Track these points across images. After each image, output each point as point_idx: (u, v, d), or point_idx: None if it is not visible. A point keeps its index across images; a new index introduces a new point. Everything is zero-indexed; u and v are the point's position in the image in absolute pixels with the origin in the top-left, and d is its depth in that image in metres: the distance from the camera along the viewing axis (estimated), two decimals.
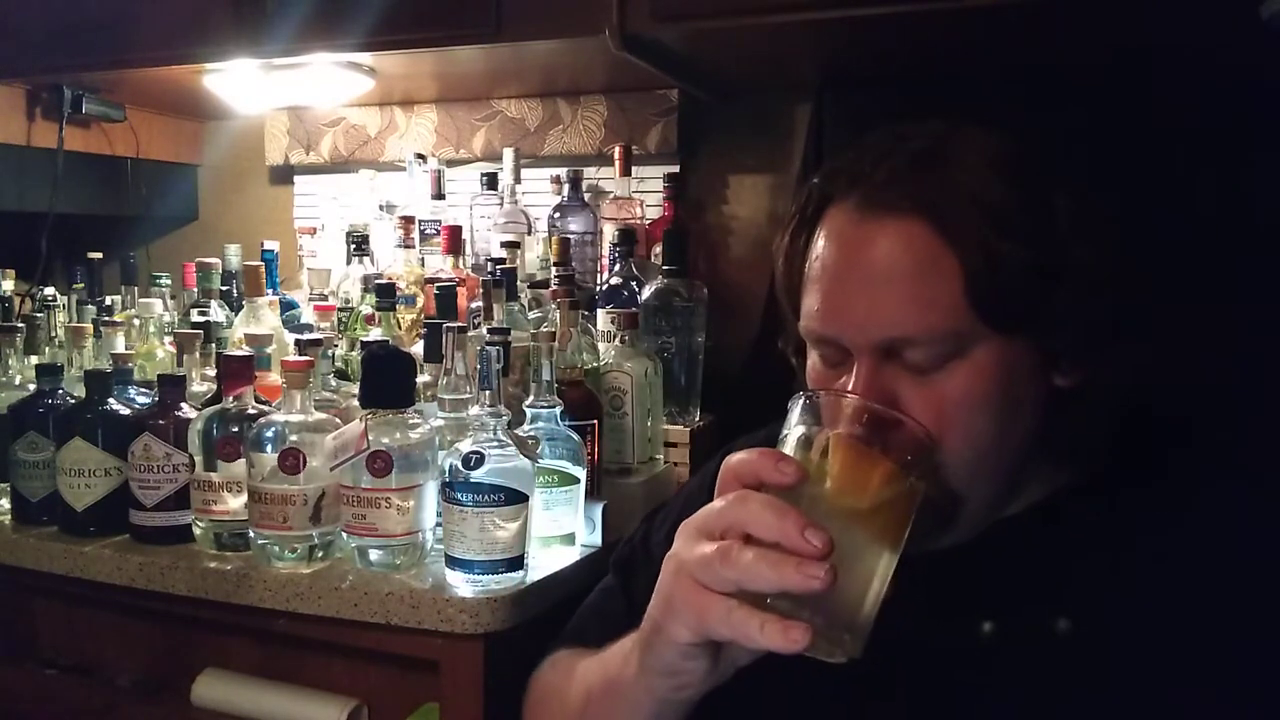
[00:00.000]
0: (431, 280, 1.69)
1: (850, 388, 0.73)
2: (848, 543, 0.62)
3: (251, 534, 1.26)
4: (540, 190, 1.98)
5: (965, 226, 0.71)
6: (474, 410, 1.19)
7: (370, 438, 1.19)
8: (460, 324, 1.32)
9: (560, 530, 1.27)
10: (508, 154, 1.93)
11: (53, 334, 1.76)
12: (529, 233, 1.91)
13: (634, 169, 1.87)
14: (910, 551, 0.67)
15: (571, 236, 1.81)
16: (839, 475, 0.65)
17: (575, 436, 1.29)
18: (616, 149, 1.86)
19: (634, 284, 1.73)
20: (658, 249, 1.79)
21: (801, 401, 0.70)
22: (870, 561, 0.64)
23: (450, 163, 2.06)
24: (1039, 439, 0.78)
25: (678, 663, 0.69)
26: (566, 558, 1.27)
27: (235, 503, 1.29)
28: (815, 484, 0.64)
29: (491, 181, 1.94)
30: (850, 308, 0.74)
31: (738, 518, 0.64)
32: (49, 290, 1.87)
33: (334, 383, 1.44)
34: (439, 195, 1.94)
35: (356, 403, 1.28)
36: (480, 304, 1.51)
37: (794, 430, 0.69)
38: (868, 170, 0.76)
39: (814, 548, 0.60)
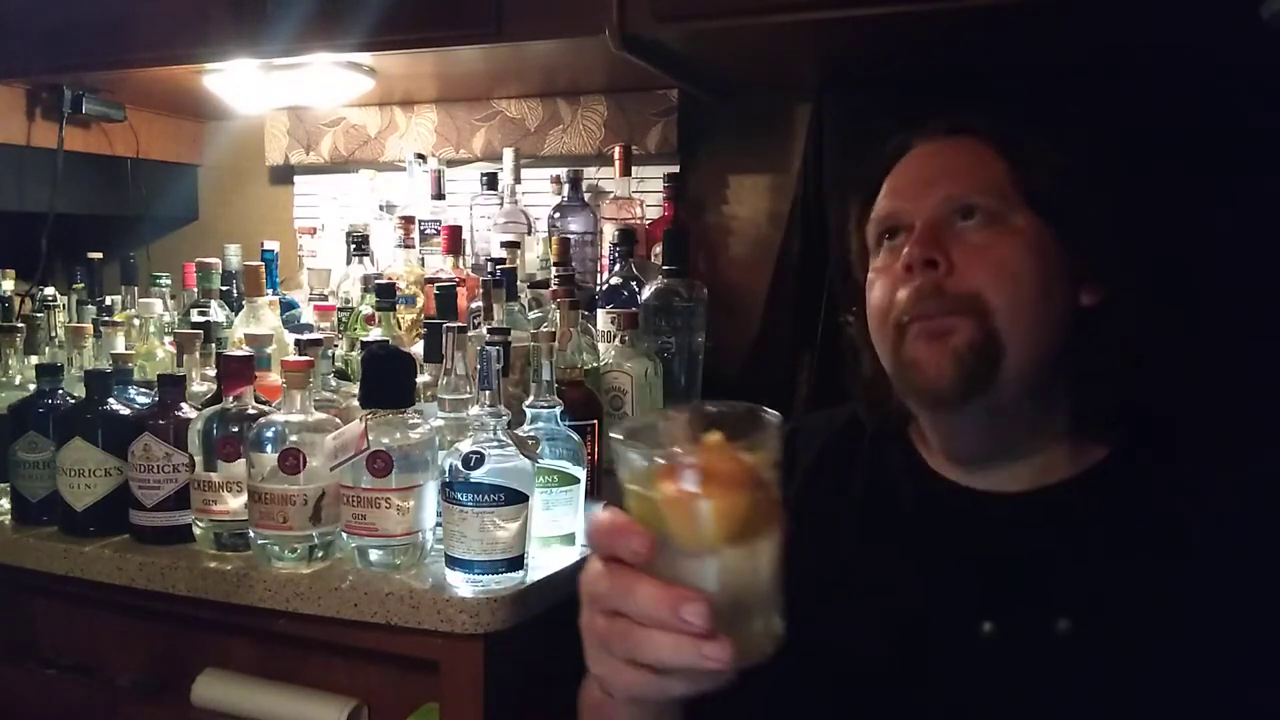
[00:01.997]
0: (431, 280, 1.69)
1: (910, 244, 0.84)
2: (729, 565, 0.60)
3: (251, 534, 1.26)
4: (540, 190, 1.98)
5: (1009, 143, 0.89)
6: (474, 410, 1.19)
7: (370, 438, 1.19)
8: (460, 324, 1.32)
9: (560, 530, 1.27)
10: (508, 154, 1.92)
11: (53, 334, 1.76)
12: (529, 233, 1.91)
13: (634, 169, 1.87)
14: (915, 538, 0.66)
15: (571, 236, 1.81)
16: (688, 531, 0.60)
17: (575, 436, 1.29)
18: (616, 149, 1.85)
19: (634, 284, 1.73)
20: (658, 249, 1.79)
21: (625, 432, 0.64)
22: (758, 565, 0.61)
23: (450, 163, 2.05)
24: (1067, 357, 0.84)
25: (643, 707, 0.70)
26: (566, 558, 1.27)
27: (235, 503, 1.29)
28: (675, 534, 0.60)
29: (491, 181, 1.93)
30: (914, 184, 0.89)
31: (618, 604, 0.62)
32: (49, 290, 1.87)
33: (334, 383, 1.44)
34: (439, 195, 1.94)
35: (356, 403, 1.28)
36: (480, 304, 1.51)
37: (635, 468, 0.62)
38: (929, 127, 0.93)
39: (695, 625, 0.58)
